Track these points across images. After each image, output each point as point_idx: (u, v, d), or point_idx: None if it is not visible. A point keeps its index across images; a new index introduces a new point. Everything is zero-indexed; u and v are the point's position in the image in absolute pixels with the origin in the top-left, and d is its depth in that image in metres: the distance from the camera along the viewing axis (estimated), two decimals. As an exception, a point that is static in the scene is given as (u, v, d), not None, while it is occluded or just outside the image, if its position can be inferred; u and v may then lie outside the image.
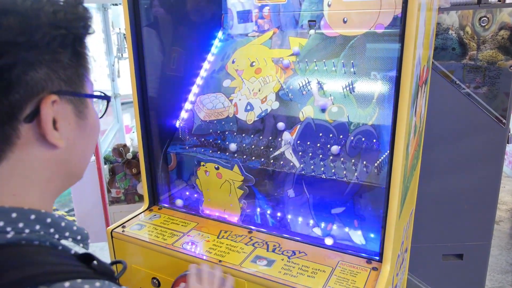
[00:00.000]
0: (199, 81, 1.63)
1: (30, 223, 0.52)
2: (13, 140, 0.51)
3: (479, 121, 1.90)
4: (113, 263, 0.75)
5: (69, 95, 0.55)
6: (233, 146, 1.42)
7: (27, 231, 0.52)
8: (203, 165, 1.46)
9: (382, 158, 1.18)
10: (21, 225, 0.51)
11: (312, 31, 1.48)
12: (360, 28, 1.38)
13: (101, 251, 2.82)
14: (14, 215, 0.51)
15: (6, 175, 0.52)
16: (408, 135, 1.05)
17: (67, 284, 0.48)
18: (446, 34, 2.13)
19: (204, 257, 1.21)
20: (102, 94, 0.66)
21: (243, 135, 1.43)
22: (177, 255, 1.25)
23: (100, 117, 0.67)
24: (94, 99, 0.65)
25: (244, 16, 1.65)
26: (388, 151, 1.17)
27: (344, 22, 1.43)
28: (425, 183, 1.85)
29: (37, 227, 0.53)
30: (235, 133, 1.44)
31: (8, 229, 0.50)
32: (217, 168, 1.42)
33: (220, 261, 1.18)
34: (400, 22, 0.95)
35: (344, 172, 1.22)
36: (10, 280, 0.46)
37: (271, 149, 1.36)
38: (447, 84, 1.87)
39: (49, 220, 0.55)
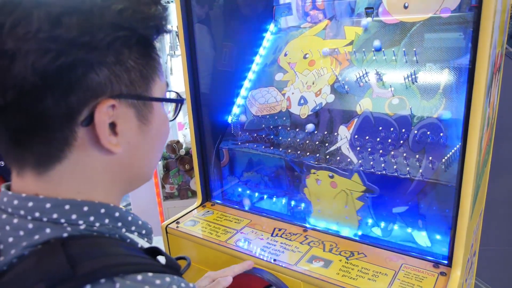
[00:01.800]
0: (250, 75, 1.60)
1: (100, 216, 0.53)
2: (70, 142, 0.50)
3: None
4: (178, 258, 0.74)
5: (131, 99, 0.52)
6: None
7: (97, 224, 0.52)
8: (314, 173, 1.31)
9: (450, 153, 1.08)
10: (92, 218, 0.52)
11: (369, 19, 1.39)
12: (423, 13, 1.28)
13: (157, 244, 2.90)
14: (85, 208, 0.52)
15: (69, 173, 0.52)
16: (482, 128, 0.95)
17: (139, 277, 0.48)
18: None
19: (259, 256, 1.18)
20: (174, 97, 0.63)
21: (297, 130, 1.38)
22: (231, 253, 1.23)
23: (171, 120, 0.64)
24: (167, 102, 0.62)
25: (297, 7, 1.60)
26: (457, 146, 1.07)
27: (405, 7, 1.33)
28: (496, 180, 1.70)
29: (106, 220, 0.54)
30: (288, 128, 1.40)
31: (80, 222, 0.51)
32: (332, 177, 1.27)
33: (274, 260, 1.15)
34: (476, 1, 0.85)
35: (407, 168, 1.13)
36: (86, 270, 0.46)
37: (327, 144, 1.30)
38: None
39: (117, 214, 0.55)
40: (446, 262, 1.06)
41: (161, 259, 0.57)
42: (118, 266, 0.48)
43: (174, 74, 3.31)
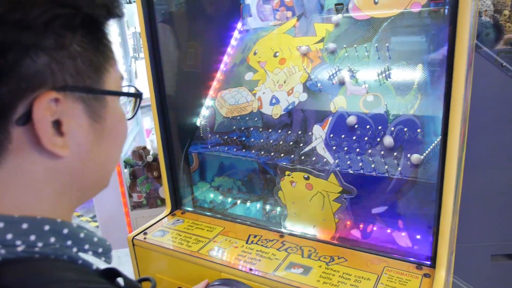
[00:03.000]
0: (219, 75, 1.53)
1: (43, 235, 0.44)
2: (4, 145, 0.41)
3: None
4: (141, 280, 0.65)
5: (78, 92, 0.44)
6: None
7: (40, 244, 0.43)
8: (289, 175, 1.24)
9: (429, 150, 1.05)
10: (33, 237, 0.43)
11: (339, 16, 1.36)
12: (393, 9, 1.25)
13: (126, 257, 2.77)
14: (24, 226, 0.43)
15: (4, 184, 0.43)
16: (461, 122, 0.92)
17: None
18: (479, 18, 1.98)
19: (234, 266, 1.11)
20: (130, 91, 0.55)
21: (270, 130, 1.32)
22: (204, 263, 1.15)
23: (129, 118, 0.56)
24: (123, 97, 0.53)
25: (265, 5, 1.54)
26: (435, 142, 1.04)
27: (375, 3, 1.30)
28: (470, 177, 1.70)
29: (52, 239, 0.44)
30: (260, 129, 1.33)
31: (18, 242, 0.42)
32: (307, 178, 1.21)
33: (251, 269, 1.08)
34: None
35: (386, 167, 1.09)
36: None
37: (301, 144, 1.24)
38: (493, 67, 1.71)
39: (66, 231, 0.46)
40: (429, 263, 1.02)
41: (121, 281, 0.48)
42: None
43: (139, 78, 3.19)
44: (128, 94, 0.54)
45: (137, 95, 0.56)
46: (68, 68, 0.42)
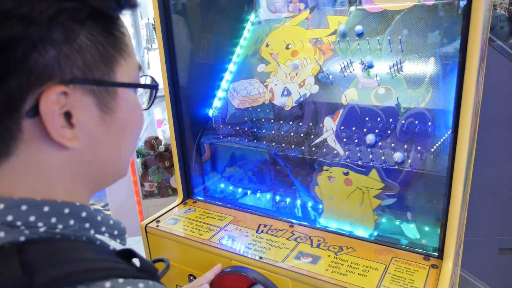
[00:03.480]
0: (231, 67, 1.54)
1: (63, 217, 0.46)
2: (16, 136, 0.43)
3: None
4: (155, 261, 0.68)
5: (88, 84, 0.44)
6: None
7: (60, 226, 0.46)
8: (327, 170, 1.21)
9: (439, 143, 1.05)
10: (53, 220, 0.45)
11: (352, 8, 1.36)
12: (406, 1, 1.25)
13: (137, 245, 2.82)
14: (46, 208, 0.45)
15: (21, 171, 0.45)
16: (472, 116, 0.93)
17: (107, 284, 0.42)
18: (494, 11, 1.96)
19: (244, 254, 1.13)
20: (149, 82, 0.55)
21: (281, 122, 1.33)
22: (215, 251, 1.18)
23: (145, 109, 0.56)
24: (139, 89, 0.54)
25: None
26: (446, 135, 1.05)
27: (389, -5, 1.30)
28: (480, 170, 1.70)
29: (71, 222, 0.47)
30: (272, 121, 1.35)
31: (40, 224, 0.44)
32: (346, 174, 1.18)
33: (260, 257, 1.10)
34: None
35: (395, 159, 1.10)
36: (45, 280, 0.39)
37: (312, 136, 1.26)
38: (506, 61, 1.70)
39: (84, 214, 0.48)
40: (436, 254, 1.04)
41: (137, 262, 0.51)
42: (83, 273, 0.42)
43: (152, 68, 3.22)
44: (140, 86, 0.54)
45: (151, 87, 0.56)
46: (76, 61, 0.43)
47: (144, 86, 0.55)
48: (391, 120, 1.14)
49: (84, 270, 0.42)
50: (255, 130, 1.37)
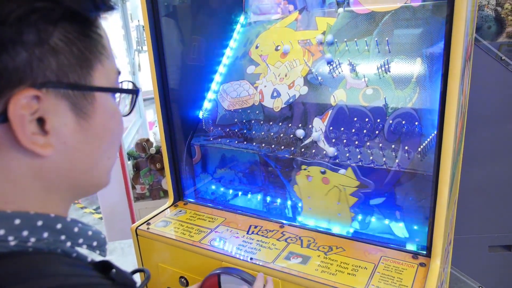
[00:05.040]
0: (221, 69, 1.55)
1: (36, 230, 0.43)
2: None
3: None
4: (135, 271, 0.66)
5: (62, 88, 0.42)
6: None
7: (33, 239, 0.43)
8: (305, 169, 1.24)
9: (426, 142, 1.07)
10: (25, 233, 0.42)
11: (340, 10, 1.37)
12: (394, 3, 1.27)
13: (129, 248, 2.80)
14: (17, 221, 0.42)
15: None
16: (457, 115, 0.94)
17: None
18: (481, 12, 1.98)
19: (234, 255, 1.13)
20: (129, 86, 0.53)
21: (270, 123, 1.34)
22: (205, 253, 1.18)
23: (126, 115, 0.54)
24: (118, 93, 0.50)
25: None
26: (432, 135, 1.06)
27: (376, -3, 1.31)
28: (468, 169, 1.72)
29: (45, 234, 0.44)
30: (261, 122, 1.36)
31: (10, 237, 0.41)
32: (324, 172, 1.20)
33: (251, 258, 1.11)
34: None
35: (384, 159, 1.11)
36: None
37: (301, 137, 1.27)
38: (492, 61, 1.72)
39: (59, 226, 0.45)
40: (424, 252, 1.05)
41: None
42: None
43: (142, 70, 3.20)
44: (119, 90, 0.52)
45: (130, 91, 0.53)
46: (50, 63, 0.41)
47: (122, 90, 0.53)
48: (379, 120, 1.15)
49: (57, 286, 0.40)
50: (245, 131, 1.38)
